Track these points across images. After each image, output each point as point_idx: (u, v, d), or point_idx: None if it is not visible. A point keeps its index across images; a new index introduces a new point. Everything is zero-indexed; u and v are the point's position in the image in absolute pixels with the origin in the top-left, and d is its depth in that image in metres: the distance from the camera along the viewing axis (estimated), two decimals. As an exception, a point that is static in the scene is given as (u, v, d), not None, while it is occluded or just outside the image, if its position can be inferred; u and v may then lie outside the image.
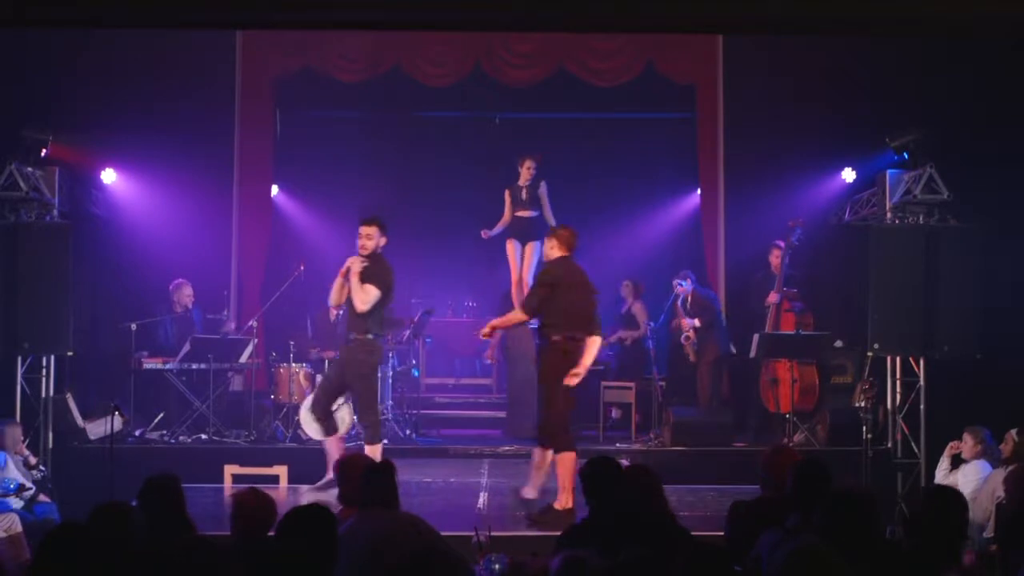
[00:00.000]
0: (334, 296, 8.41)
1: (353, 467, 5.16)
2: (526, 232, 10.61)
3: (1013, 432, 7.43)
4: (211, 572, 3.73)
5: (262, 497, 4.79)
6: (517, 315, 7.95)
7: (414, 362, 11.09)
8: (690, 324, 10.50)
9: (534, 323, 8.67)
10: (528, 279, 10.72)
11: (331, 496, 6.10)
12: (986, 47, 9.52)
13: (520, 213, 10.64)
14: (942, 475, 7.85)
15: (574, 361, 7.34)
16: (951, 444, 7.92)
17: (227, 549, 4.57)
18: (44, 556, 3.80)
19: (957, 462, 7.80)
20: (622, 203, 13.00)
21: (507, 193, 10.62)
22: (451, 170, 12.82)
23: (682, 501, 8.08)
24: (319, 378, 10.15)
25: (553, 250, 7.67)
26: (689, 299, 10.58)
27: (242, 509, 4.72)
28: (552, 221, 10.56)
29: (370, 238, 8.15)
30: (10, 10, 6.08)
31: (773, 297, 10.26)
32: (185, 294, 10.65)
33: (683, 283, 10.57)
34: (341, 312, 10.80)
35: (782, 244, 10.47)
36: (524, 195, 10.57)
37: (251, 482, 7.88)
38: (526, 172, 10.50)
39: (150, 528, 4.55)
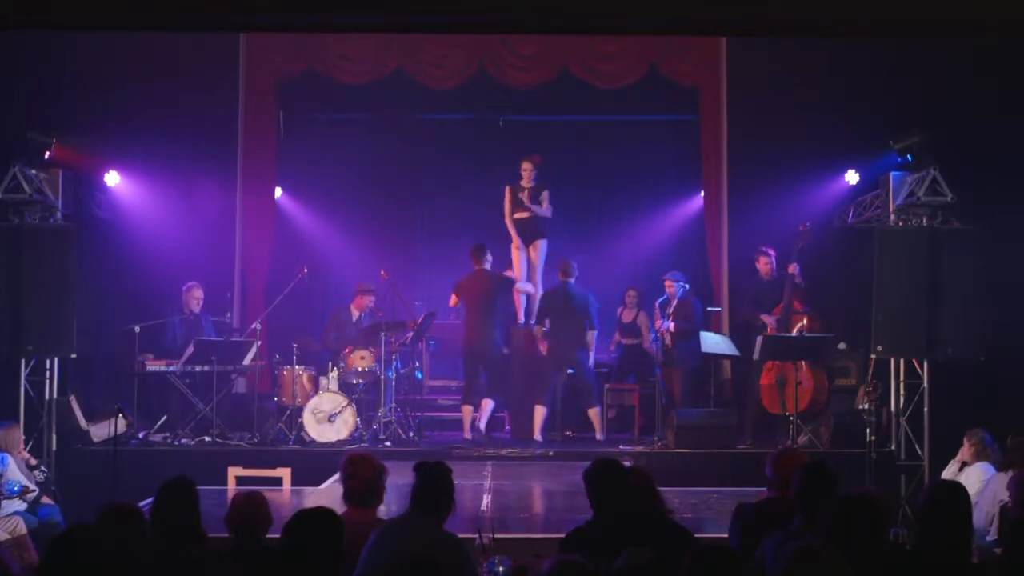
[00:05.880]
0: None
1: (358, 465, 5.11)
2: (529, 232, 10.65)
3: (1009, 437, 7.41)
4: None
5: (255, 499, 4.78)
6: None
7: (417, 364, 11.09)
8: (664, 326, 10.45)
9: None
10: (537, 278, 10.76)
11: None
12: (989, 48, 9.51)
13: (520, 215, 10.69)
14: (949, 477, 7.82)
15: None
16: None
17: (227, 552, 4.58)
18: (53, 558, 3.80)
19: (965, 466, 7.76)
20: (625, 205, 13.02)
21: (508, 191, 10.66)
22: (454, 172, 12.83)
23: (685, 503, 8.07)
24: (322, 380, 10.19)
25: None
26: (675, 302, 10.52)
27: (236, 512, 4.72)
28: (548, 214, 10.60)
29: None
30: (11, 12, 6.09)
31: (770, 320, 10.24)
32: (193, 297, 10.64)
33: (676, 283, 10.52)
34: (363, 314, 10.89)
35: (770, 251, 10.48)
36: (526, 197, 10.61)
37: (255, 484, 7.90)
38: (526, 174, 10.58)
39: (159, 532, 4.53)
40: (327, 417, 9.89)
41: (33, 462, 8.27)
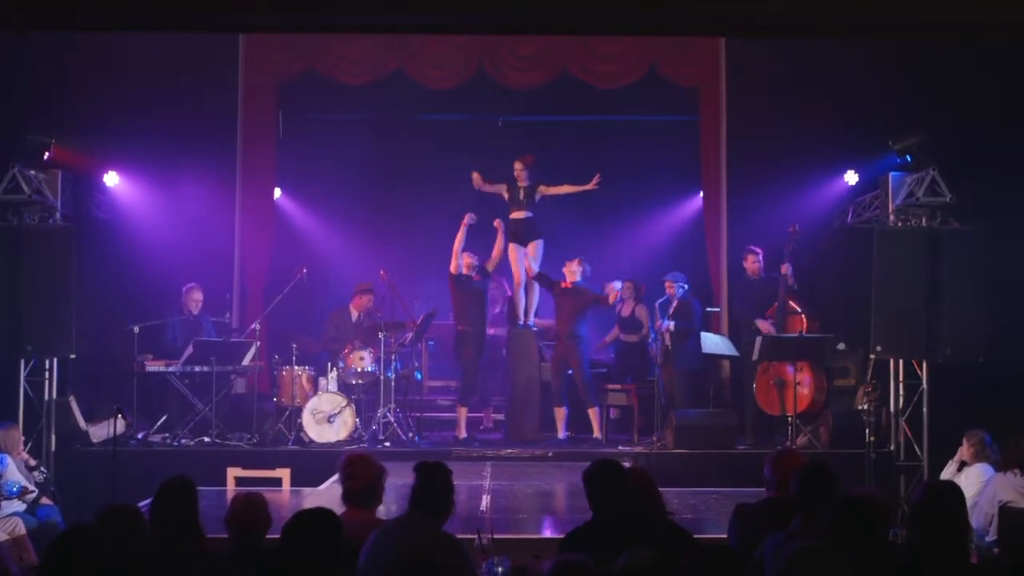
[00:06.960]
0: None
1: (358, 466, 5.10)
2: (525, 233, 10.66)
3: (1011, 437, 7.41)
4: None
5: (254, 500, 4.78)
6: None
7: (416, 365, 11.09)
8: (664, 326, 10.43)
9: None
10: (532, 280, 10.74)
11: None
12: (989, 48, 9.51)
13: (516, 214, 10.69)
14: (948, 477, 7.83)
15: None
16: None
17: (226, 553, 4.58)
18: (53, 558, 3.80)
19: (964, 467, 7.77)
20: (624, 205, 12.99)
21: (505, 187, 10.67)
22: (454, 172, 12.79)
23: (685, 504, 8.07)
24: (321, 380, 10.18)
25: None
26: (675, 303, 10.50)
27: (235, 512, 4.71)
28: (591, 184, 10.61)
29: None
30: (11, 12, 6.09)
31: (765, 326, 10.25)
32: (192, 299, 10.62)
33: (676, 283, 10.50)
34: (363, 314, 10.89)
35: (758, 250, 10.48)
36: (521, 196, 10.61)
37: (254, 485, 7.91)
38: (518, 174, 10.58)
39: (158, 532, 4.53)
40: (326, 418, 9.88)
41: (32, 463, 8.27)
